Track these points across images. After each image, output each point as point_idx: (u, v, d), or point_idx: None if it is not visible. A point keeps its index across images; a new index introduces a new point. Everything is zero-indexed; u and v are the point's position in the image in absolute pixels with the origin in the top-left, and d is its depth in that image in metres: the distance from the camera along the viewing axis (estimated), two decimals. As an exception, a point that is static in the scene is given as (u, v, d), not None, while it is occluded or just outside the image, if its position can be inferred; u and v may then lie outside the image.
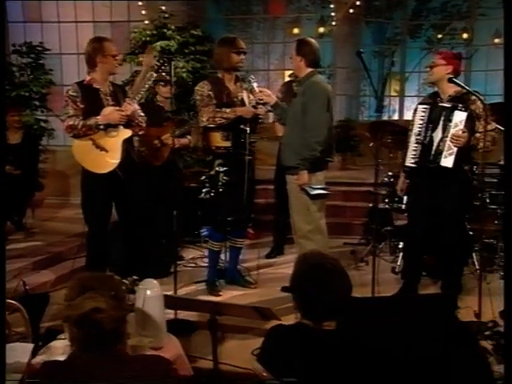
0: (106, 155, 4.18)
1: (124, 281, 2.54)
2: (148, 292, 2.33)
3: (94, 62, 4.18)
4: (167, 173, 5.31)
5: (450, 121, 3.91)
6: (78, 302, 1.75)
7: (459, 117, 3.88)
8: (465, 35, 11.07)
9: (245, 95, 4.39)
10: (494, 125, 3.99)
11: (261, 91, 4.32)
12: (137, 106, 4.29)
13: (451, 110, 3.92)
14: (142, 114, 4.38)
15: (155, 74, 4.28)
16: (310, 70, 4.10)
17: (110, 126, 4.17)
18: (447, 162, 3.92)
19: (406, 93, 11.36)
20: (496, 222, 5.21)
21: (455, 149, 3.88)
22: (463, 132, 3.85)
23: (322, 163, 4.10)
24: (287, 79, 5.79)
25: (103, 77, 4.23)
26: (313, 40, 4.21)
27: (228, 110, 4.27)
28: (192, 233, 5.94)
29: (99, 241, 4.38)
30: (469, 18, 10.97)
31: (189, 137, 5.40)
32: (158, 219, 5.25)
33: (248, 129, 4.28)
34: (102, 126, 4.14)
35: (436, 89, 4.21)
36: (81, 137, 4.17)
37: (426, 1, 11.28)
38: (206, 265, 5.07)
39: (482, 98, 3.95)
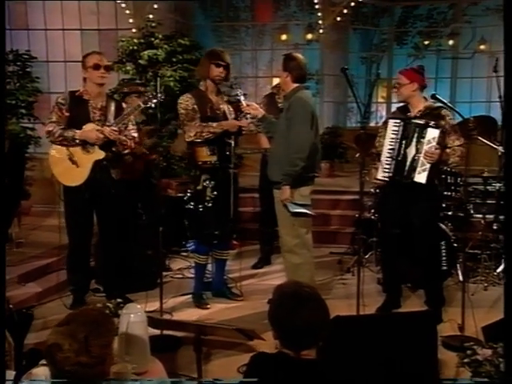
0: (75, 170, 4.25)
1: (108, 304, 2.55)
2: (132, 316, 2.34)
3: (83, 76, 4.31)
4: (144, 184, 5.32)
5: (423, 137, 3.97)
6: (51, 332, 1.76)
7: (432, 134, 3.94)
8: (451, 42, 11.20)
9: (226, 107, 4.42)
10: (462, 140, 4.05)
11: (248, 105, 4.35)
12: (130, 126, 4.36)
13: (424, 127, 3.98)
14: (135, 134, 4.42)
15: (142, 105, 4.30)
16: (295, 85, 4.12)
17: (87, 143, 4.23)
18: (421, 178, 3.99)
19: (394, 99, 11.42)
20: (480, 232, 5.28)
21: (428, 165, 3.95)
22: (436, 149, 3.92)
23: (306, 179, 4.12)
24: (269, 91, 5.81)
25: (94, 89, 4.29)
26: (300, 55, 4.24)
27: (214, 125, 4.28)
28: (179, 243, 5.94)
29: (79, 253, 4.44)
30: (454, 25, 11.08)
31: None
32: (140, 230, 5.26)
33: (233, 142, 4.31)
34: (78, 141, 4.20)
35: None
36: (57, 144, 4.25)
37: (413, 8, 11.38)
38: (192, 276, 5.09)
39: (451, 113, 4.08)
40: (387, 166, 4.14)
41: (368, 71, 11.80)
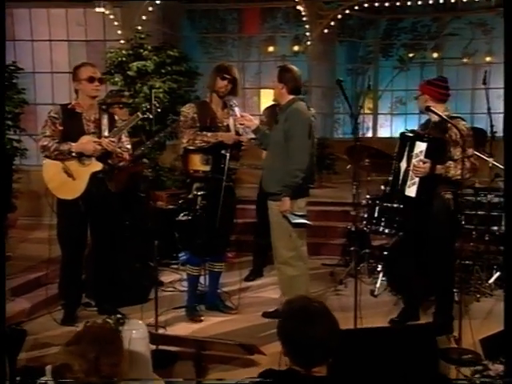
0: (72, 183, 4.20)
1: (108, 320, 2.49)
2: (134, 333, 2.29)
3: (75, 88, 4.26)
4: (130, 197, 5.27)
5: (412, 151, 3.95)
6: (59, 352, 1.70)
7: (419, 147, 3.91)
8: (435, 54, 11.35)
9: (231, 122, 4.39)
10: (471, 151, 3.94)
11: (242, 116, 4.36)
12: (124, 138, 4.32)
13: (413, 141, 3.96)
14: (129, 145, 4.39)
15: (141, 115, 4.29)
16: (291, 97, 4.13)
17: (83, 155, 4.18)
18: (411, 191, 3.96)
19: (380, 110, 11.53)
20: (472, 243, 5.29)
21: (417, 179, 3.92)
22: (424, 162, 3.87)
23: (304, 190, 4.13)
24: (271, 103, 5.76)
25: (86, 102, 4.25)
26: (294, 67, 4.25)
27: (209, 134, 4.27)
28: (169, 255, 5.88)
29: (73, 267, 4.36)
30: (438, 38, 11.24)
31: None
32: (128, 243, 5.21)
33: (228, 154, 4.28)
34: (74, 154, 4.16)
35: None
36: (52, 159, 4.20)
37: (397, 21, 11.50)
38: (184, 289, 5.04)
39: (462, 124, 3.96)
40: (390, 180, 4.15)
41: (354, 83, 11.87)
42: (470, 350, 3.58)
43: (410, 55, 11.86)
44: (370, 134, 11.36)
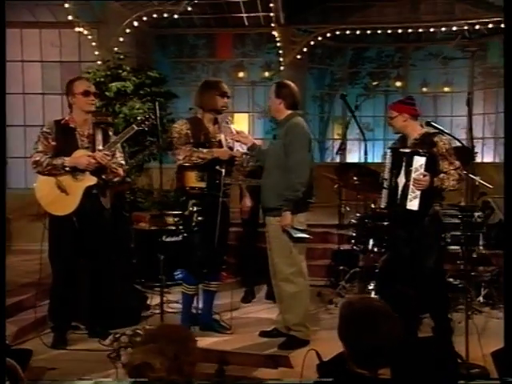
0: (65, 198, 4.09)
1: (126, 333, 2.36)
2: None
3: (69, 103, 4.18)
4: (116, 215, 5.15)
5: (411, 166, 4.00)
6: (135, 351, 1.60)
7: (419, 161, 3.98)
8: (398, 83, 11.71)
9: (222, 137, 4.37)
10: (457, 163, 4.08)
11: (238, 132, 4.35)
12: (118, 154, 4.23)
13: (411, 156, 4.02)
14: (123, 161, 4.30)
15: (136, 128, 4.23)
16: (289, 112, 4.14)
17: (77, 170, 4.06)
18: (413, 205, 4.00)
19: (348, 136, 11.70)
20: (459, 262, 5.35)
21: (418, 192, 3.98)
22: (424, 176, 3.94)
23: (304, 205, 4.12)
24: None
25: (80, 117, 4.17)
26: (291, 83, 4.28)
27: (205, 151, 4.23)
28: (154, 277, 5.72)
29: (65, 288, 4.17)
30: (401, 67, 11.62)
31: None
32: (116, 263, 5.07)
33: (223, 170, 4.25)
34: (67, 168, 4.04)
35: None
36: (45, 175, 4.08)
37: (363, 50, 11.82)
38: (172, 311, 4.92)
39: (445, 139, 4.10)
40: (384, 197, 4.17)
41: (321, 110, 12.05)
42: (478, 364, 3.58)
43: (375, 83, 12.18)
44: (338, 160, 11.48)
